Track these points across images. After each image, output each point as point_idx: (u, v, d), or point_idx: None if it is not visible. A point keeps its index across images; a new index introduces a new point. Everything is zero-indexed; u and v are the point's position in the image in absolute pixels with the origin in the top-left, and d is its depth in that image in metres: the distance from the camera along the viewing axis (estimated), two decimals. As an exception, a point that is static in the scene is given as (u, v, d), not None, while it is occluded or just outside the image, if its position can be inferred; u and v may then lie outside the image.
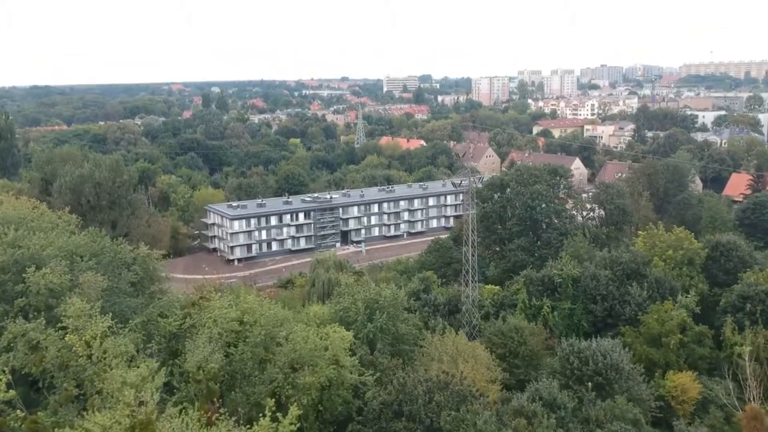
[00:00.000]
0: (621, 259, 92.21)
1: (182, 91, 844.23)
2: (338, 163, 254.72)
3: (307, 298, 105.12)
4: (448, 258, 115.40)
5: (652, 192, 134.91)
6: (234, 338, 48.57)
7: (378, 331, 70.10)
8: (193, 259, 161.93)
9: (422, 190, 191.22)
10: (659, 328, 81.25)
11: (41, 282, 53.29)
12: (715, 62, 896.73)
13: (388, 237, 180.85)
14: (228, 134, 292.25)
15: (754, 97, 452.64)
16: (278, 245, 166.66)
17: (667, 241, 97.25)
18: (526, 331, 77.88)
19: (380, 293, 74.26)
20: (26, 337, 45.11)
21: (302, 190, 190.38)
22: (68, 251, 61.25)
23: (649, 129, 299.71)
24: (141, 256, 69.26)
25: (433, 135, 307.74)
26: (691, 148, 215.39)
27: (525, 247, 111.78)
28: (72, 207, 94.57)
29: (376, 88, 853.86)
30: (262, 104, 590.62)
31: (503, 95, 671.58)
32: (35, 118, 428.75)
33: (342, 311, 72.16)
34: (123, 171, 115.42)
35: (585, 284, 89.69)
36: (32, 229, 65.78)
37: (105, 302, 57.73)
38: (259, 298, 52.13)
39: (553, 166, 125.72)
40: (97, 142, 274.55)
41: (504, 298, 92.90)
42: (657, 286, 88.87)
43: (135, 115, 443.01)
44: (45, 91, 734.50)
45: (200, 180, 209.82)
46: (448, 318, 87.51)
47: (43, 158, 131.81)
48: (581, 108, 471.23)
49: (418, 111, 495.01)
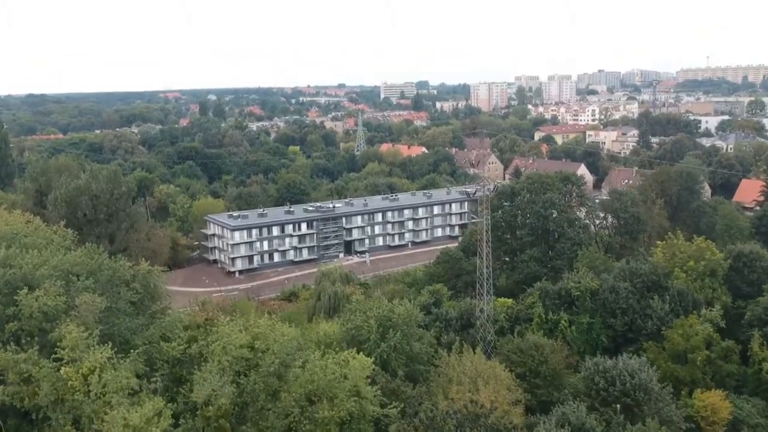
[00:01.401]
0: (641, 270, 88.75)
1: (178, 98, 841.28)
2: (339, 171, 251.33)
3: (313, 313, 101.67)
4: (458, 269, 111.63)
5: (665, 199, 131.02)
6: (244, 366, 44.64)
7: (392, 350, 66.53)
8: (193, 271, 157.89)
9: (426, 198, 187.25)
10: (684, 344, 77.76)
11: (34, 305, 49.71)
12: (712, 67, 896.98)
13: (392, 247, 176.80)
14: (226, 142, 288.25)
15: (755, 102, 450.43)
16: (280, 256, 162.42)
17: (687, 251, 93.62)
18: (547, 349, 74.23)
19: (393, 310, 70.81)
20: (18, 369, 41.14)
21: (304, 199, 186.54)
22: (63, 270, 57.42)
23: (652, 134, 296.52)
24: (141, 272, 65.50)
25: (434, 142, 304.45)
26: (698, 154, 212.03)
27: (538, 258, 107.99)
28: (68, 220, 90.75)
29: (373, 94, 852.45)
30: (259, 111, 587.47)
31: (502, 101, 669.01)
32: (31, 127, 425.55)
33: (354, 329, 68.68)
34: (121, 182, 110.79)
35: (604, 297, 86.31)
36: (25, 246, 61.85)
37: (103, 324, 54.23)
38: (271, 321, 48.01)
39: (564, 173, 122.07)
40: (93, 150, 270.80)
41: (519, 312, 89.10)
42: (679, 299, 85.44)
43: (131, 124, 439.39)
44: (41, 99, 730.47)
45: (199, 189, 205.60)
46: (461, 333, 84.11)
47: (38, 169, 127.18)
48: (582, 113, 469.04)
49: (417, 117, 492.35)
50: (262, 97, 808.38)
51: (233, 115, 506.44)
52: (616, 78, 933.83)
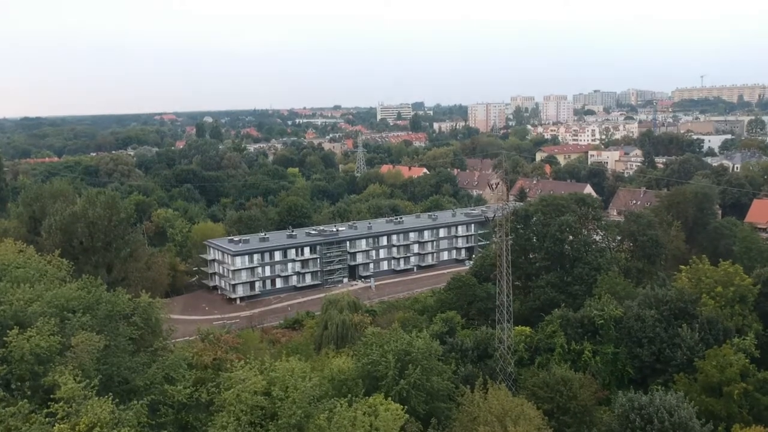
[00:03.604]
0: (667, 297, 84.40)
1: (174, 120, 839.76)
2: (339, 193, 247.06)
3: (320, 343, 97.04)
4: (471, 296, 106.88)
5: (682, 221, 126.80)
6: (260, 416, 39.80)
7: (411, 387, 61.86)
8: (192, 298, 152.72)
9: (432, 220, 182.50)
10: (719, 376, 73.02)
11: (26, 346, 45.08)
12: (707, 87, 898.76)
13: (398, 271, 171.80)
14: (225, 164, 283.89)
15: (755, 121, 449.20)
16: (282, 282, 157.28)
17: (714, 276, 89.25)
18: (576, 383, 69.59)
19: (412, 343, 66.29)
20: (5, 424, 36.30)
21: (305, 222, 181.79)
22: (58, 306, 52.73)
23: (655, 154, 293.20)
24: (142, 305, 60.85)
25: (435, 162, 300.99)
26: (707, 174, 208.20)
27: (554, 284, 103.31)
28: (63, 249, 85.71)
29: (370, 115, 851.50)
30: (256, 133, 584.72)
31: (500, 122, 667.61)
32: (26, 150, 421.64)
33: (370, 365, 63.86)
34: (120, 208, 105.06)
35: (629, 326, 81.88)
36: (16, 279, 56.99)
37: (101, 364, 49.56)
38: (290, 365, 43.14)
39: (579, 195, 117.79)
40: (89, 174, 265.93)
41: (539, 342, 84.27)
42: (709, 328, 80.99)
43: (127, 146, 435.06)
44: (36, 122, 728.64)
45: (197, 212, 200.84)
46: (478, 364, 79.64)
47: (32, 194, 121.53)
48: (581, 133, 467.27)
49: (415, 138, 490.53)
50: (258, 118, 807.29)
51: (230, 137, 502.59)
52: (611, 98, 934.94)
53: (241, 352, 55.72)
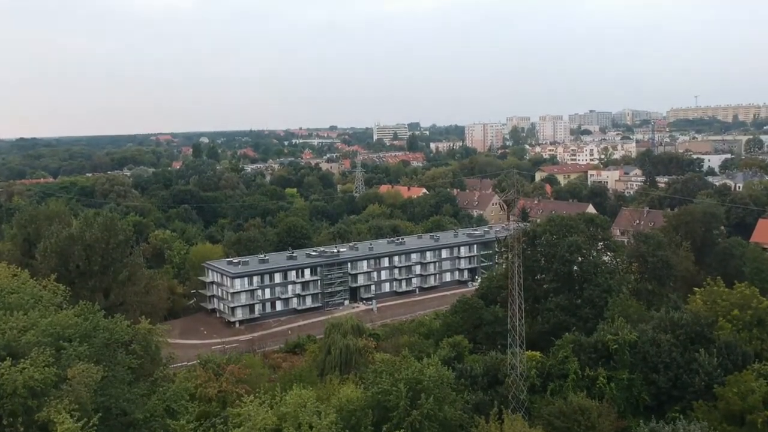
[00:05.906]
0: (682, 321, 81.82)
1: (170, 141, 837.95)
2: (338, 213, 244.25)
3: (324, 368, 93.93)
4: (477, 319, 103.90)
5: (690, 241, 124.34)
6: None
7: (424, 418, 59.01)
8: (191, 321, 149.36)
9: (434, 241, 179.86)
10: (741, 404, 70.28)
11: (19, 379, 42.31)
12: (702, 107, 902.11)
13: (400, 293, 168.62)
14: (222, 185, 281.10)
15: (753, 140, 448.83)
16: (283, 304, 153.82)
17: (730, 299, 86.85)
18: (594, 413, 66.80)
19: (423, 371, 63.42)
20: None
21: (305, 244, 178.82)
22: (53, 334, 50.04)
23: (656, 174, 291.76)
24: (141, 332, 58.20)
25: (434, 182, 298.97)
26: (710, 193, 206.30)
27: (564, 306, 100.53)
28: (59, 273, 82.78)
29: (366, 136, 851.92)
30: (253, 154, 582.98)
31: (497, 141, 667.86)
32: (21, 171, 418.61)
33: (380, 394, 60.93)
34: (118, 230, 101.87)
35: (644, 351, 79.30)
36: (10, 306, 54.17)
37: (99, 395, 46.78)
38: (301, 398, 40.32)
39: (588, 215, 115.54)
40: (85, 194, 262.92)
41: (551, 368, 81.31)
42: (727, 353, 78.26)
43: (123, 167, 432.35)
44: (31, 143, 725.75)
45: (195, 233, 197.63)
46: (489, 391, 76.84)
47: (26, 216, 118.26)
48: (579, 153, 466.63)
49: (413, 158, 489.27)
50: (254, 139, 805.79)
51: (226, 158, 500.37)
52: (607, 118, 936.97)
53: (247, 383, 52.77)
